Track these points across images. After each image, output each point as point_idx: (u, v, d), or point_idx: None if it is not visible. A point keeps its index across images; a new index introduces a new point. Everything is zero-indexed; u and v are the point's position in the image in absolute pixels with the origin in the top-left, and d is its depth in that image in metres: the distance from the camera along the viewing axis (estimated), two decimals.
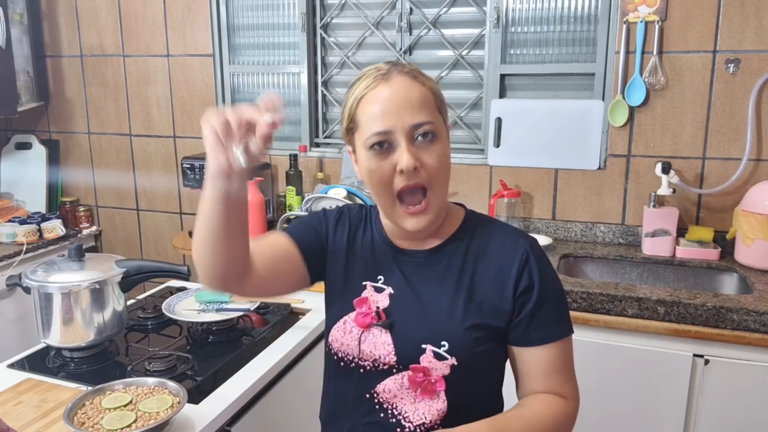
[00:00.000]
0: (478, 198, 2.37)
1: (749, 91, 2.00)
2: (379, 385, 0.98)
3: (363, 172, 0.97)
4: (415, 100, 0.92)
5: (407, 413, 0.97)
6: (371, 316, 0.98)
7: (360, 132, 0.95)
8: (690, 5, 2.02)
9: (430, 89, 0.96)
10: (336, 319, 1.02)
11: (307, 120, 2.62)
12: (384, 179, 0.93)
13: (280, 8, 2.60)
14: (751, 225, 1.90)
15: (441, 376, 0.94)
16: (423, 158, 0.92)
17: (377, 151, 0.92)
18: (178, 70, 2.74)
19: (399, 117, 0.91)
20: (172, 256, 2.85)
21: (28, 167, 2.99)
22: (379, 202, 0.98)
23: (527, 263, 0.96)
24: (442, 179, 0.95)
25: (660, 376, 1.70)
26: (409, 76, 0.94)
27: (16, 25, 2.77)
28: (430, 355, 0.94)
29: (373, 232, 1.06)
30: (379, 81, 0.93)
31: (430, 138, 0.93)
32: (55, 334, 1.37)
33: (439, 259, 1.00)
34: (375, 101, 0.92)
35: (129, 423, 1.07)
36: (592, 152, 2.22)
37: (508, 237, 1.00)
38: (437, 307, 0.97)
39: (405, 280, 1.00)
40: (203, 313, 1.55)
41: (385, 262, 1.02)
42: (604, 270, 2.13)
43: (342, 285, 1.04)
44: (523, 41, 2.29)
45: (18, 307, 2.45)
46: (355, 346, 0.99)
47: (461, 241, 1.00)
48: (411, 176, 0.91)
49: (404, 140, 0.91)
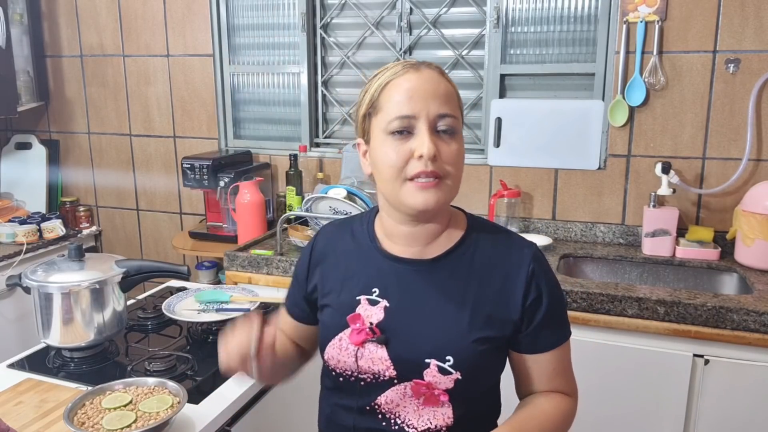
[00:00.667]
0: (478, 198, 2.37)
1: (749, 91, 2.00)
2: (381, 397, 0.96)
3: (375, 157, 0.95)
4: (442, 93, 0.93)
5: (411, 420, 0.95)
6: (365, 332, 0.94)
7: (381, 116, 0.93)
8: (690, 5, 2.02)
9: (455, 88, 0.97)
10: (331, 337, 0.99)
11: (307, 120, 2.62)
12: (398, 163, 0.91)
13: (280, 8, 2.60)
14: (751, 225, 1.90)
15: (444, 389, 0.92)
16: (441, 149, 0.91)
17: (396, 137, 0.91)
18: (178, 70, 2.74)
19: (425, 104, 0.91)
20: (172, 256, 2.85)
21: (28, 167, 2.99)
22: (386, 187, 0.94)
23: (534, 274, 0.95)
24: (456, 176, 0.94)
25: (660, 376, 1.70)
26: (438, 72, 0.95)
27: (16, 25, 2.77)
28: (434, 370, 0.91)
29: (365, 243, 1.02)
30: (408, 69, 0.94)
31: (450, 134, 0.93)
32: (55, 334, 1.37)
33: (442, 269, 0.96)
34: (402, 86, 0.92)
35: (129, 423, 1.07)
36: (592, 152, 2.22)
37: (513, 246, 0.99)
38: (441, 319, 0.94)
39: (403, 292, 0.96)
40: (203, 313, 1.55)
41: (379, 274, 0.98)
42: (604, 270, 2.13)
43: (335, 303, 1.00)
44: (523, 41, 2.29)
45: (18, 307, 2.45)
46: (352, 363, 0.96)
47: (466, 250, 0.98)
48: (428, 164, 0.90)
49: (426, 128, 0.90)
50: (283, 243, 2.14)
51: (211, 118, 2.74)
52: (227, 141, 2.78)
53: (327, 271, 1.04)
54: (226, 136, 2.77)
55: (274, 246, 2.13)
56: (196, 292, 1.67)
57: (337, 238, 1.06)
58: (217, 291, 1.67)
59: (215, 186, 2.45)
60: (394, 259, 0.99)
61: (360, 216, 1.09)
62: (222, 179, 2.43)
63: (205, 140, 2.77)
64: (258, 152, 2.69)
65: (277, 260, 2.03)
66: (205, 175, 2.43)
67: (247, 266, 2.07)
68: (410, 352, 0.93)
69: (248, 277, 2.07)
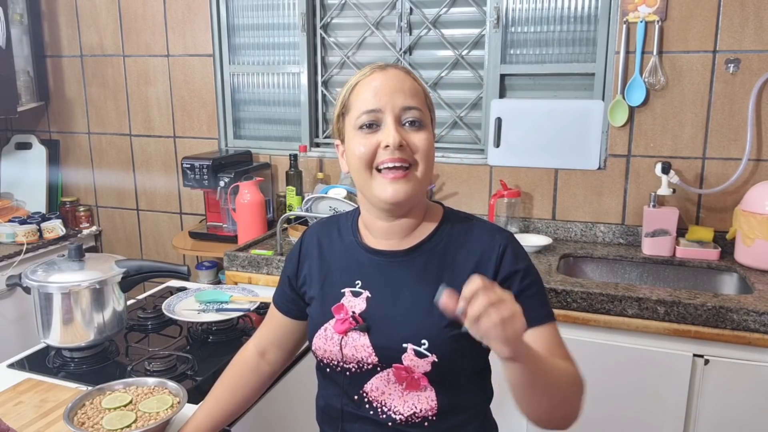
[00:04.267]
0: (478, 198, 2.37)
1: (749, 91, 2.00)
2: (367, 385, 1.00)
3: (348, 155, 1.00)
4: (407, 89, 0.97)
5: (397, 407, 0.99)
6: (348, 321, 0.99)
7: (351, 114, 0.99)
8: (690, 5, 2.02)
9: (422, 87, 1.01)
10: (317, 328, 1.04)
11: (307, 120, 2.62)
12: (368, 156, 0.95)
13: (280, 8, 2.60)
14: (751, 225, 1.90)
15: (423, 372, 0.96)
16: (408, 140, 0.96)
17: (365, 131, 0.96)
18: (178, 70, 2.74)
19: (390, 98, 0.96)
20: (172, 256, 2.85)
21: (28, 167, 2.99)
22: (359, 180, 0.99)
23: (505, 254, 0.98)
24: (425, 164, 0.97)
25: (660, 376, 1.70)
26: (404, 71, 1.00)
27: (16, 25, 2.77)
28: (411, 354, 0.95)
29: (348, 239, 1.07)
30: (375, 70, 0.99)
31: (417, 126, 0.97)
32: (55, 334, 1.37)
33: (417, 258, 1.00)
34: (368, 85, 0.97)
35: (129, 423, 1.07)
36: (592, 152, 2.22)
37: (486, 233, 1.01)
38: (417, 306, 0.98)
39: (383, 282, 1.01)
40: (203, 313, 1.55)
41: (362, 267, 1.03)
42: (604, 270, 2.13)
43: (321, 296, 1.06)
44: (523, 41, 2.29)
45: (18, 307, 2.45)
46: (337, 352, 1.01)
47: (439, 240, 1.01)
48: (395, 152, 0.94)
49: (392, 120, 0.95)
50: (283, 243, 2.14)
51: (211, 118, 2.74)
52: (227, 141, 2.78)
53: (314, 265, 1.09)
54: (226, 136, 2.77)
55: (274, 246, 2.13)
56: (196, 292, 1.67)
57: (325, 233, 1.11)
58: (217, 291, 1.67)
59: (215, 186, 2.45)
60: (373, 252, 1.03)
61: (346, 213, 1.14)
62: (222, 179, 2.43)
63: (205, 140, 2.77)
64: (258, 152, 2.69)
65: (277, 260, 2.03)
66: (205, 175, 2.43)
67: (247, 266, 2.07)
68: (389, 338, 0.97)
69: (248, 277, 2.07)
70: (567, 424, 0.93)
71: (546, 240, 2.17)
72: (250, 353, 1.19)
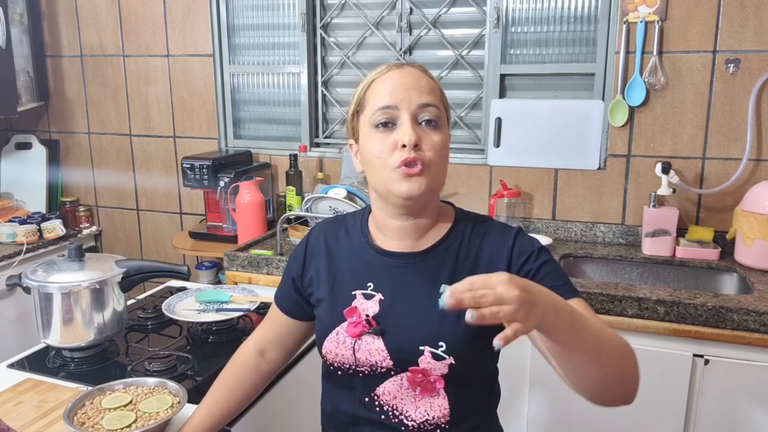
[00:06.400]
0: (478, 198, 2.37)
1: (749, 91, 2.00)
2: (379, 388, 0.99)
3: (363, 152, 0.98)
4: (423, 86, 0.96)
5: (408, 412, 0.97)
6: (362, 325, 0.98)
7: (366, 111, 0.97)
8: (690, 5, 2.02)
9: (438, 85, 1.00)
10: (328, 331, 1.02)
11: (307, 120, 2.62)
12: (384, 154, 0.94)
13: (280, 8, 2.60)
14: (751, 225, 1.90)
15: (440, 375, 0.95)
16: (424, 139, 0.94)
17: (381, 129, 0.95)
18: (178, 70, 2.74)
19: (406, 95, 0.94)
20: (172, 256, 2.85)
21: (28, 167, 2.99)
22: (375, 179, 0.97)
23: (515, 245, 0.97)
24: (440, 165, 0.96)
25: (660, 376, 1.70)
26: (420, 69, 0.99)
27: (16, 25, 2.77)
28: (428, 356, 0.94)
29: (358, 239, 1.05)
30: (391, 68, 0.98)
31: (434, 125, 0.96)
32: (55, 334, 1.37)
33: (432, 260, 0.99)
34: (386, 82, 0.96)
35: (129, 423, 1.07)
36: (592, 152, 2.22)
37: (496, 231, 1.01)
38: (433, 308, 0.95)
39: (397, 284, 0.99)
40: (203, 313, 1.55)
41: (373, 269, 1.01)
42: (604, 270, 2.13)
43: (331, 298, 1.03)
44: (523, 41, 2.29)
45: (18, 307, 2.45)
46: (350, 356, 0.99)
47: (453, 241, 1.01)
48: (411, 151, 0.92)
49: (408, 118, 0.94)
50: (283, 243, 2.14)
51: (211, 118, 2.74)
52: (227, 141, 2.78)
53: (322, 265, 1.07)
54: (226, 136, 2.77)
55: (274, 246, 2.13)
56: (196, 292, 1.67)
57: (332, 234, 1.09)
58: (217, 291, 1.66)
59: (215, 186, 2.45)
60: (386, 254, 1.02)
61: (353, 213, 1.12)
62: (222, 179, 2.43)
63: (205, 140, 2.77)
64: (258, 152, 2.69)
65: (277, 260, 2.03)
66: (205, 175, 2.43)
67: (247, 266, 2.07)
68: (405, 341, 0.96)
69: (248, 277, 2.07)
70: (625, 393, 0.88)
71: (546, 240, 2.17)
72: (250, 352, 1.18)
